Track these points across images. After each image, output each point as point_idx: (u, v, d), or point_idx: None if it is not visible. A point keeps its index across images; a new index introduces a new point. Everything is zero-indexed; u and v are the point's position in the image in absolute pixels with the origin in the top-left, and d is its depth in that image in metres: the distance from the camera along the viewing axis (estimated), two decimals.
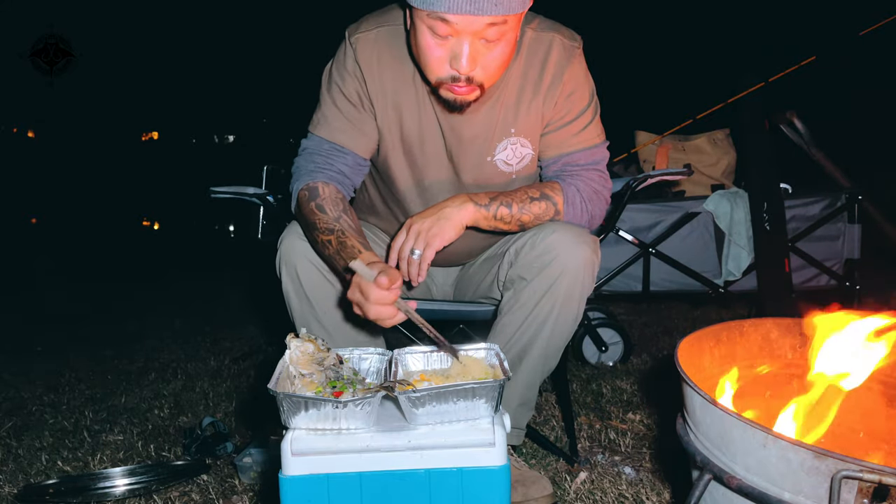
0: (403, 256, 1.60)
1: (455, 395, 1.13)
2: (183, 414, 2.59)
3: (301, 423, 1.14)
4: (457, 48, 1.43)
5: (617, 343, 3.08)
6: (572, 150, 1.75)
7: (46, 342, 3.88)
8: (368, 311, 1.32)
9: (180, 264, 7.52)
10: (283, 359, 1.23)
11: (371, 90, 1.70)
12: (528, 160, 1.77)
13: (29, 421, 2.60)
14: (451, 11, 1.36)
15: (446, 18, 1.38)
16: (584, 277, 1.63)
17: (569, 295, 1.63)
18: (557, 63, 1.67)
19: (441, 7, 1.36)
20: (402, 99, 1.70)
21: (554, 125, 1.73)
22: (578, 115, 1.73)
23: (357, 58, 1.68)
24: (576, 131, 1.74)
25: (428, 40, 1.45)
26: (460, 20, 1.38)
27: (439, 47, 1.45)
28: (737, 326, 1.54)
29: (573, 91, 1.71)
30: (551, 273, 1.61)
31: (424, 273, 1.60)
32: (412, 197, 1.82)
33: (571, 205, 1.71)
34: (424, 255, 1.59)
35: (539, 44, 1.68)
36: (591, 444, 2.17)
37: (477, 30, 1.40)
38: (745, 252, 3.25)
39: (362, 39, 1.68)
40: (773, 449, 1.05)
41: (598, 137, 1.78)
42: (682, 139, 3.99)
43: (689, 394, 1.25)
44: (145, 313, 4.74)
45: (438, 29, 1.41)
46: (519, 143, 1.74)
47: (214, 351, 3.53)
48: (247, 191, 2.66)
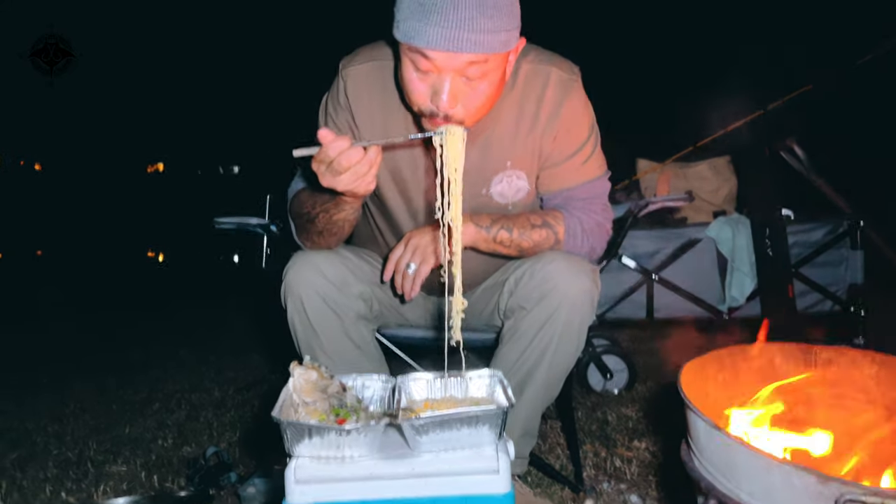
0: (399, 269, 1.62)
1: (458, 422, 1.13)
2: (187, 444, 2.58)
3: (305, 451, 1.14)
4: (437, 84, 1.42)
5: (622, 370, 3.07)
6: (573, 185, 1.75)
7: (51, 372, 3.88)
8: (339, 164, 1.34)
9: (185, 294, 7.53)
10: (286, 386, 1.23)
11: (360, 123, 1.72)
12: (524, 193, 1.77)
13: (33, 452, 2.59)
14: (430, 47, 1.35)
15: (426, 54, 1.37)
16: (583, 307, 1.63)
17: (568, 325, 1.63)
18: (555, 97, 1.66)
19: (420, 42, 1.35)
20: (392, 132, 1.70)
21: (554, 160, 1.72)
22: (578, 150, 1.72)
23: (347, 91, 1.70)
24: (576, 166, 1.73)
25: (411, 73, 1.45)
26: (439, 56, 1.37)
27: (421, 81, 1.44)
28: (740, 352, 1.54)
29: (572, 126, 1.69)
30: (550, 303, 1.61)
31: (417, 288, 1.62)
32: (408, 227, 1.83)
33: (572, 236, 1.72)
34: (419, 270, 1.61)
35: (536, 77, 1.66)
36: (596, 471, 2.16)
37: (457, 67, 1.39)
38: (748, 278, 3.26)
39: (353, 73, 1.70)
40: (777, 474, 1.05)
41: (598, 170, 1.77)
42: (683, 166, 4.02)
43: (693, 420, 1.25)
44: (150, 343, 4.73)
45: (420, 63, 1.41)
46: (515, 175, 1.74)
47: (219, 381, 3.53)
48: (250, 221, 2.68)
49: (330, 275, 1.69)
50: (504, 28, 1.37)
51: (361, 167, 1.37)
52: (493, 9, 1.34)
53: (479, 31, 1.33)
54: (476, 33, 1.33)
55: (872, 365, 1.40)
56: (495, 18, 1.34)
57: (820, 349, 1.46)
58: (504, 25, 1.37)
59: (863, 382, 1.40)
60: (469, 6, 1.32)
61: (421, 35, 1.34)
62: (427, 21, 1.33)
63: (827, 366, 1.45)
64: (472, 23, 1.32)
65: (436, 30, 1.32)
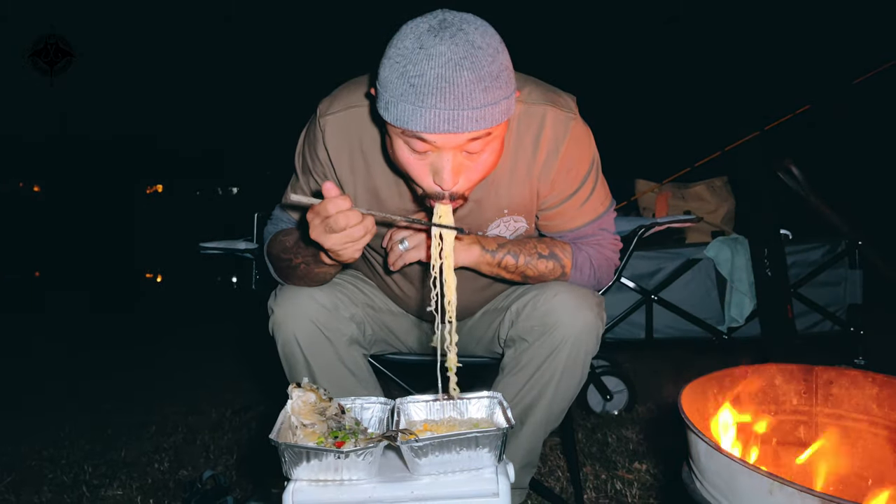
0: (393, 241, 1.59)
1: (458, 444, 1.13)
2: (183, 467, 2.56)
3: (303, 474, 1.13)
4: (437, 163, 1.32)
5: (621, 391, 3.05)
6: (578, 226, 1.70)
7: (46, 395, 3.86)
8: (336, 223, 1.27)
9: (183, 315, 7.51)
10: (284, 409, 1.23)
11: (340, 176, 1.64)
12: (524, 231, 1.72)
13: (27, 476, 2.57)
14: (429, 131, 1.26)
15: (424, 138, 1.28)
16: (587, 344, 1.61)
17: (572, 360, 1.61)
18: (552, 139, 1.57)
19: (417, 126, 1.25)
20: (377, 183, 1.63)
21: (555, 201, 1.65)
22: (579, 188, 1.64)
23: (326, 143, 1.62)
24: (578, 204, 1.67)
25: (406, 156, 1.35)
26: (438, 138, 1.28)
27: (419, 161, 1.35)
28: (740, 373, 1.53)
29: (571, 167, 1.61)
30: (553, 339, 1.59)
31: (400, 265, 1.59)
32: (403, 269, 1.76)
33: (579, 270, 1.68)
34: (408, 254, 1.57)
35: (531, 119, 1.56)
36: (597, 494, 2.14)
37: (458, 144, 1.29)
38: (747, 298, 3.25)
39: (331, 122, 1.60)
40: (779, 496, 1.04)
41: (601, 205, 1.72)
42: (682, 186, 4.03)
43: (694, 441, 1.24)
44: (146, 365, 4.71)
45: (416, 146, 1.31)
46: (512, 220, 1.68)
47: (215, 403, 3.51)
48: (237, 245, 2.65)
49: (320, 299, 1.67)
50: (503, 97, 1.28)
51: (356, 231, 1.30)
52: (490, 79, 1.25)
53: (478, 106, 1.24)
54: (476, 110, 1.24)
55: (873, 386, 1.40)
56: (493, 90, 1.26)
57: (820, 370, 1.46)
58: (503, 94, 1.28)
59: (864, 403, 1.39)
60: (466, 82, 1.23)
61: (417, 120, 1.25)
62: (422, 104, 1.23)
63: (828, 386, 1.44)
64: (471, 99, 1.23)
65: (433, 112, 1.23)
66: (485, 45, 1.25)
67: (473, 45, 1.24)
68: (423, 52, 1.23)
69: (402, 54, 1.25)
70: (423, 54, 1.23)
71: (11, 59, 8.27)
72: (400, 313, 1.95)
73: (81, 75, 8.70)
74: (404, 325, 1.96)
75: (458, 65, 1.22)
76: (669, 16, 10.11)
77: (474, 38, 1.25)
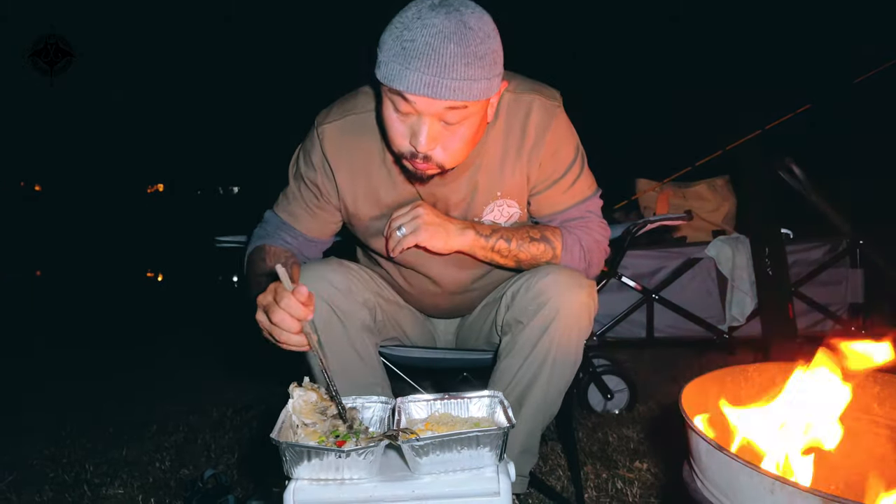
0: (392, 228, 1.64)
1: (459, 443, 1.13)
2: (184, 466, 2.56)
3: (304, 474, 1.13)
4: (416, 126, 1.44)
5: (622, 390, 3.05)
6: (566, 208, 1.78)
7: (47, 394, 3.86)
8: (273, 314, 1.32)
9: (184, 314, 7.52)
10: (285, 408, 1.23)
11: (339, 181, 1.75)
12: (517, 217, 1.79)
13: (29, 475, 2.57)
14: (409, 91, 1.37)
15: (406, 97, 1.39)
16: (580, 320, 1.64)
17: (565, 337, 1.64)
18: (539, 125, 1.68)
19: (401, 86, 1.37)
20: (376, 182, 1.74)
21: (543, 185, 1.75)
22: (566, 172, 1.74)
23: (324, 150, 1.73)
24: (566, 188, 1.76)
25: (391, 114, 1.47)
26: (419, 100, 1.39)
27: (401, 122, 1.47)
28: (741, 371, 1.53)
29: (557, 150, 1.71)
30: (546, 315, 1.62)
31: (398, 252, 1.64)
32: (403, 262, 1.86)
33: (569, 252, 1.74)
34: (405, 239, 1.62)
35: (518, 106, 1.68)
36: (598, 493, 2.14)
37: (437, 111, 1.41)
38: (748, 297, 3.25)
39: (328, 130, 1.73)
40: (781, 495, 1.04)
41: (588, 189, 1.80)
42: (683, 186, 4.03)
43: (695, 440, 1.24)
44: (147, 363, 4.72)
45: (400, 105, 1.43)
46: (506, 204, 1.76)
47: (217, 402, 3.51)
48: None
49: (335, 281, 1.69)
50: (484, 77, 1.39)
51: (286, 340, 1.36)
52: (475, 57, 1.36)
53: (458, 78, 1.36)
54: (456, 81, 1.36)
55: (875, 385, 1.40)
56: (476, 67, 1.37)
57: None
58: (484, 74, 1.39)
59: (866, 402, 1.39)
60: (451, 54, 1.34)
61: (401, 79, 1.36)
62: (408, 66, 1.35)
63: None
64: (452, 70, 1.35)
65: (416, 75, 1.35)
66: (476, 28, 1.37)
67: (465, 25, 1.36)
68: (420, 21, 1.36)
69: (402, 21, 1.38)
70: (419, 23, 1.35)
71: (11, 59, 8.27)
72: (406, 307, 2.01)
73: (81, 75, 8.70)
74: (410, 319, 2.02)
75: (446, 38, 1.34)
76: (670, 15, 10.13)
77: (468, 20, 1.37)
